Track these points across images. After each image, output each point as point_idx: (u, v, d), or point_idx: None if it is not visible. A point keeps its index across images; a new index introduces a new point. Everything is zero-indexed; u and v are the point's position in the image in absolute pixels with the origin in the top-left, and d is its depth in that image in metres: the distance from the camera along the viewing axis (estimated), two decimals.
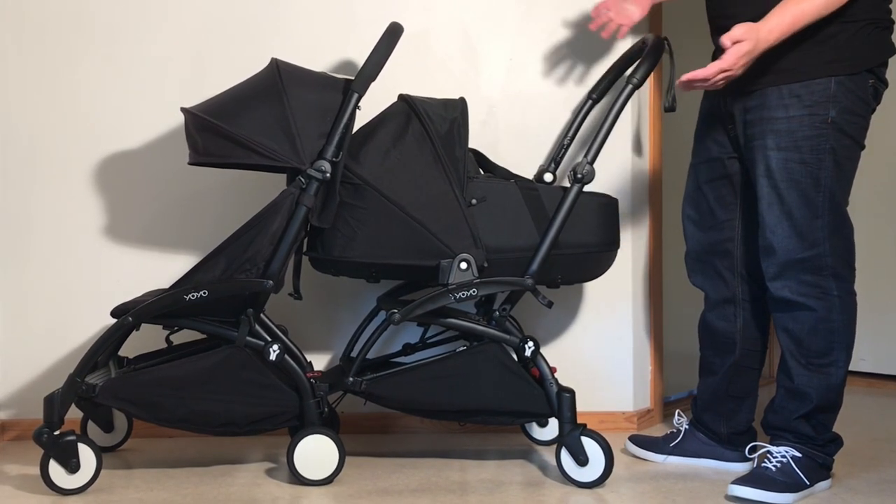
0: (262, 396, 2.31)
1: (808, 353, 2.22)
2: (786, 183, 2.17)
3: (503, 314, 2.44)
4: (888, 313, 3.55)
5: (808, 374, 2.23)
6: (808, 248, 2.18)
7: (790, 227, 2.19)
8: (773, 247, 2.21)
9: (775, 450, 2.25)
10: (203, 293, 2.25)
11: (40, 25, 2.80)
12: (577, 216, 2.36)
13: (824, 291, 2.19)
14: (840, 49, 2.13)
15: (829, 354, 2.22)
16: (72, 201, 2.81)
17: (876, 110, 2.25)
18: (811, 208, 2.17)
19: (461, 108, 2.41)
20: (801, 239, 2.18)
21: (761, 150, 2.20)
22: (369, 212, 2.31)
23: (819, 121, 2.13)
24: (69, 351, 2.78)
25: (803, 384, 2.23)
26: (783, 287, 2.22)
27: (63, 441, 2.23)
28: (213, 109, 2.27)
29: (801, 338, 2.23)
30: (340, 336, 2.80)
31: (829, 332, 2.20)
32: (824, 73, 2.13)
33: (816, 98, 2.13)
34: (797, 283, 2.20)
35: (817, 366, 2.22)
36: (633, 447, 2.58)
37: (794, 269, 2.20)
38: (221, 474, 2.42)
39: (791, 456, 2.22)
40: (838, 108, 2.13)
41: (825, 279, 2.19)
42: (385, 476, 2.40)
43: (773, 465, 2.22)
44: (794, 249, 2.19)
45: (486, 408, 2.38)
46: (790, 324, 2.24)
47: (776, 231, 2.20)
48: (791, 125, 2.15)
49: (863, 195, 3.57)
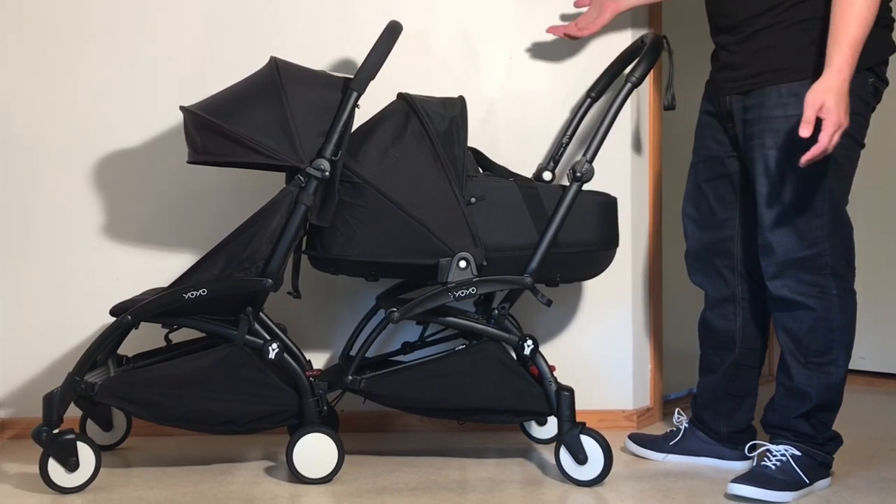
0: (262, 395, 2.31)
1: (808, 353, 2.22)
2: (785, 182, 2.17)
3: (502, 313, 2.44)
4: (888, 312, 3.54)
5: (807, 373, 2.23)
6: (808, 248, 2.18)
7: (789, 226, 2.18)
8: (771, 246, 2.21)
9: (775, 448, 2.25)
10: (202, 292, 2.25)
11: (40, 24, 2.80)
12: (577, 215, 2.36)
13: (823, 290, 2.19)
14: None
15: (829, 353, 2.22)
16: (71, 200, 2.81)
17: (876, 109, 2.24)
18: (810, 207, 2.17)
19: (460, 107, 2.41)
20: (800, 238, 2.18)
21: (760, 149, 2.20)
22: (368, 210, 2.31)
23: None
24: (68, 349, 2.78)
25: (803, 383, 2.23)
26: (782, 286, 2.21)
27: (62, 440, 2.23)
28: (213, 108, 2.27)
29: (800, 337, 2.22)
30: (339, 334, 2.80)
31: (829, 330, 2.20)
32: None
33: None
34: (796, 282, 2.20)
35: (817, 365, 2.22)
36: (632, 446, 2.58)
37: (794, 267, 2.19)
38: (221, 473, 2.43)
39: (791, 455, 2.22)
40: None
41: (824, 278, 2.19)
42: (384, 474, 2.40)
43: (773, 464, 2.22)
44: (793, 248, 2.19)
45: (485, 406, 2.38)
46: (789, 323, 2.24)
47: (775, 230, 2.20)
48: (790, 124, 2.14)
49: (864, 195, 3.57)
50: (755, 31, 2.20)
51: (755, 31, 2.20)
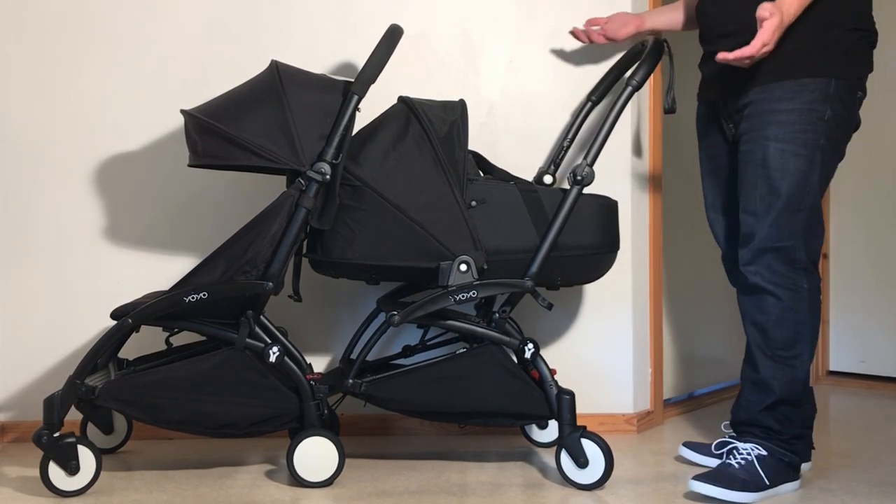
0: (262, 398, 2.31)
1: (774, 345, 2.25)
2: (780, 173, 2.21)
3: (503, 316, 2.44)
4: (887, 315, 3.54)
5: (773, 365, 2.25)
6: (785, 239, 2.22)
7: (774, 216, 2.22)
8: (753, 234, 2.25)
9: (742, 446, 2.27)
10: (203, 295, 2.25)
11: (41, 26, 2.80)
12: (577, 218, 2.37)
13: (795, 283, 2.23)
14: (841, 55, 2.19)
15: (795, 347, 2.24)
16: (72, 203, 2.81)
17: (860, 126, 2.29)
18: (797, 200, 2.21)
19: (461, 110, 2.41)
20: (780, 229, 2.22)
21: (760, 141, 2.23)
22: (369, 213, 2.31)
23: (816, 117, 2.18)
24: (69, 353, 2.78)
25: (768, 376, 2.26)
26: (755, 273, 2.24)
27: (63, 443, 2.23)
28: (213, 111, 2.27)
29: (766, 328, 2.25)
30: (340, 338, 2.80)
31: (795, 322, 2.23)
32: (827, 74, 2.18)
33: (817, 95, 2.18)
34: (768, 271, 2.23)
35: (783, 357, 2.25)
36: (687, 452, 2.54)
37: (768, 256, 2.23)
38: (221, 476, 2.42)
39: (756, 455, 2.23)
40: (834, 109, 2.19)
41: (797, 272, 2.23)
42: (385, 478, 2.40)
43: (737, 462, 2.23)
44: (772, 238, 2.22)
45: (485, 410, 2.38)
46: (757, 315, 2.26)
47: (759, 219, 2.23)
48: (791, 117, 2.19)
49: (868, 196, 3.58)
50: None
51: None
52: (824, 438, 2.77)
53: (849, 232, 3.64)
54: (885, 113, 3.40)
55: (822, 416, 2.81)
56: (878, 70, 2.32)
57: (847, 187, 3.60)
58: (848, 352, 3.67)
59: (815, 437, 2.42)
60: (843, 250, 3.66)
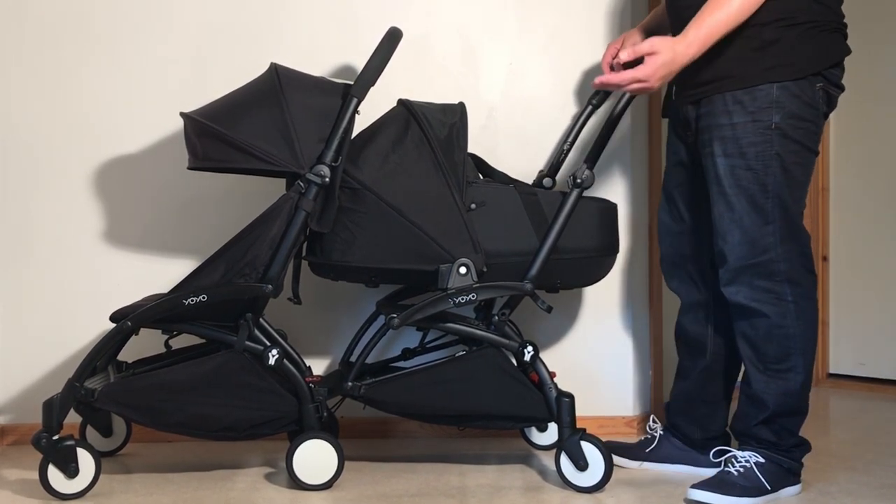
0: (261, 401, 2.31)
1: (766, 359, 2.22)
2: (734, 189, 2.16)
3: (502, 319, 2.44)
4: (887, 318, 3.55)
5: (765, 379, 2.22)
6: (760, 254, 2.16)
7: (741, 234, 2.17)
8: (724, 254, 2.20)
9: (740, 454, 2.25)
10: (202, 298, 2.25)
11: (41, 28, 2.80)
12: (577, 221, 2.37)
13: (778, 297, 2.18)
14: (782, 55, 2.11)
15: (787, 360, 2.20)
16: (71, 205, 2.81)
17: (829, 116, 2.23)
18: (760, 214, 2.15)
19: (460, 113, 2.41)
20: (752, 245, 2.17)
21: (710, 157, 2.20)
22: (368, 216, 2.31)
23: (762, 127, 2.12)
24: (68, 355, 2.78)
25: (760, 390, 2.23)
26: (737, 293, 2.20)
27: (62, 446, 2.23)
28: (213, 114, 2.27)
29: (756, 344, 2.22)
30: (339, 340, 2.79)
31: (785, 337, 2.19)
32: (766, 80, 2.11)
33: (759, 104, 2.11)
34: (749, 289, 2.19)
35: (775, 371, 2.21)
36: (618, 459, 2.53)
37: (747, 274, 2.18)
38: (221, 479, 2.42)
39: (755, 462, 2.21)
40: (782, 114, 2.11)
41: (779, 284, 2.17)
42: (384, 481, 2.40)
43: (736, 470, 2.22)
44: (745, 255, 2.17)
45: (485, 412, 2.38)
46: (747, 330, 2.23)
47: (727, 238, 2.19)
48: (736, 132, 2.14)
49: (868, 198, 3.58)
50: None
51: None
52: (824, 441, 2.77)
53: (849, 234, 3.64)
54: (885, 114, 3.39)
55: (821, 418, 2.83)
56: (878, 70, 2.28)
57: (847, 189, 3.60)
58: (848, 354, 3.67)
59: (815, 441, 2.40)
60: (842, 253, 3.66)
